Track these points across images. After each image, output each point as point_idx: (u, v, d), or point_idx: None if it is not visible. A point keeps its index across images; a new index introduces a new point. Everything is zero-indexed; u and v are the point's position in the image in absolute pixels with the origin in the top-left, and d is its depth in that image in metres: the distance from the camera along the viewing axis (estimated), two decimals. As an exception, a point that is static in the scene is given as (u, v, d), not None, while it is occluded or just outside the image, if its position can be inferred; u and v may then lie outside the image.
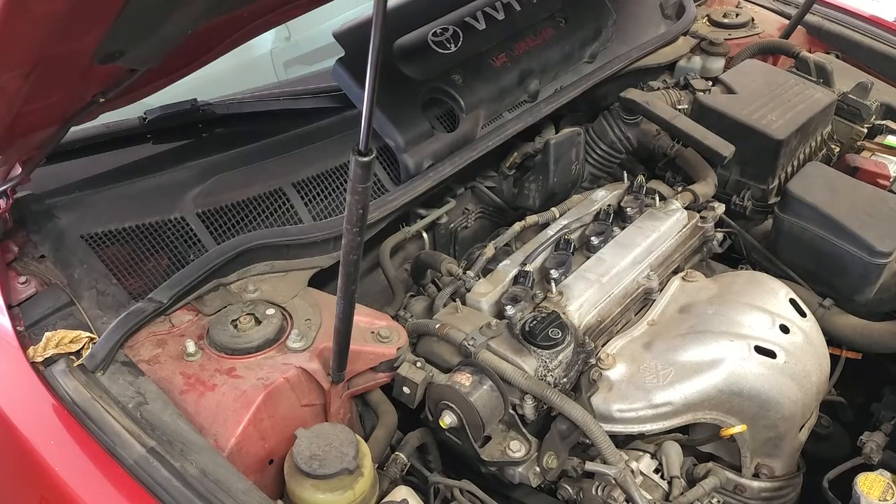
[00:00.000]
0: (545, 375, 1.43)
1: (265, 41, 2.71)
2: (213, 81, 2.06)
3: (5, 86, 1.01)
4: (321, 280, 1.55)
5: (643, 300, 1.66)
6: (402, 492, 1.27)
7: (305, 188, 1.64)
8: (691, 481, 1.49)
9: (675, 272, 1.72)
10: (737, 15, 2.53)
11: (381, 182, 1.70)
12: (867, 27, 2.45)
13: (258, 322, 1.38)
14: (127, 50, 1.08)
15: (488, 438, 1.42)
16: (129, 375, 1.28)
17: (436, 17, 1.86)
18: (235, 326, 1.36)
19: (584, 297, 1.56)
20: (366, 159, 0.93)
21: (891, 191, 1.98)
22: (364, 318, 1.44)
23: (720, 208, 1.85)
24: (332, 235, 1.52)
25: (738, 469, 1.49)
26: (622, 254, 1.66)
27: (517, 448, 1.40)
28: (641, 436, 1.47)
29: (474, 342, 1.43)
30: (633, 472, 1.39)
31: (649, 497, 1.36)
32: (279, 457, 1.30)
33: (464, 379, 1.38)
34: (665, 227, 1.73)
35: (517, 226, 1.78)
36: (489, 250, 1.69)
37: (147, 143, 1.85)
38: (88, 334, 1.32)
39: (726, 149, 1.88)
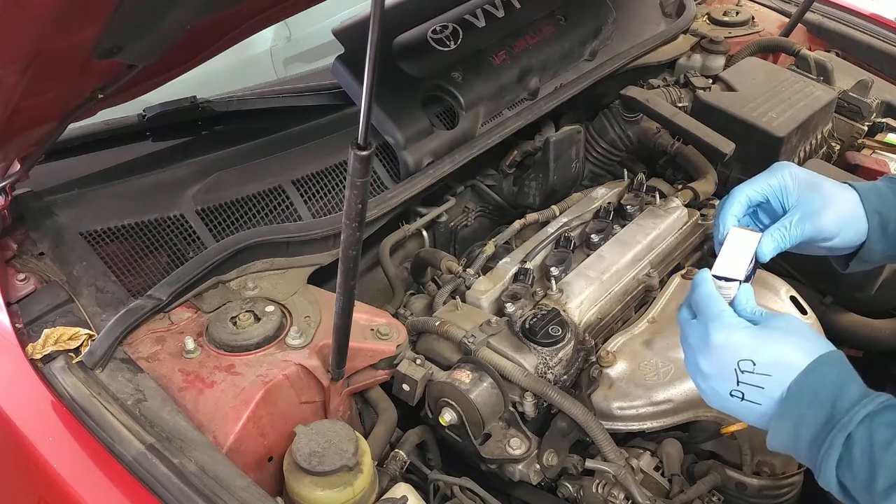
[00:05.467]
0: (545, 373, 1.42)
1: (265, 39, 2.71)
2: (213, 79, 2.07)
3: (2, 80, 1.01)
4: (321, 277, 1.55)
5: (643, 298, 1.66)
6: (402, 489, 1.26)
7: (305, 185, 1.64)
8: (692, 479, 1.49)
9: (676, 270, 1.72)
10: (737, 13, 2.53)
11: (380, 179, 1.70)
12: (867, 25, 2.45)
13: (257, 319, 1.37)
14: (125, 45, 1.08)
15: (488, 436, 1.42)
16: (128, 372, 1.27)
17: (435, 14, 1.86)
18: (235, 324, 1.36)
19: (585, 294, 1.56)
20: (364, 153, 0.93)
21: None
22: (363, 315, 1.44)
23: (721, 206, 1.85)
24: (331, 232, 1.52)
25: (738, 467, 1.49)
26: (622, 251, 1.66)
27: (517, 445, 1.40)
28: (642, 433, 1.47)
29: (474, 339, 1.43)
30: (633, 469, 1.39)
31: (649, 494, 1.35)
32: (278, 454, 1.29)
33: (463, 376, 1.38)
34: (665, 224, 1.73)
35: (517, 224, 1.78)
36: (489, 248, 1.69)
37: (146, 140, 1.86)
38: (87, 331, 1.31)
39: (727, 146, 1.88)
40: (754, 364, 0.94)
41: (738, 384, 0.95)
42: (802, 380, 0.92)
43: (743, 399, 0.96)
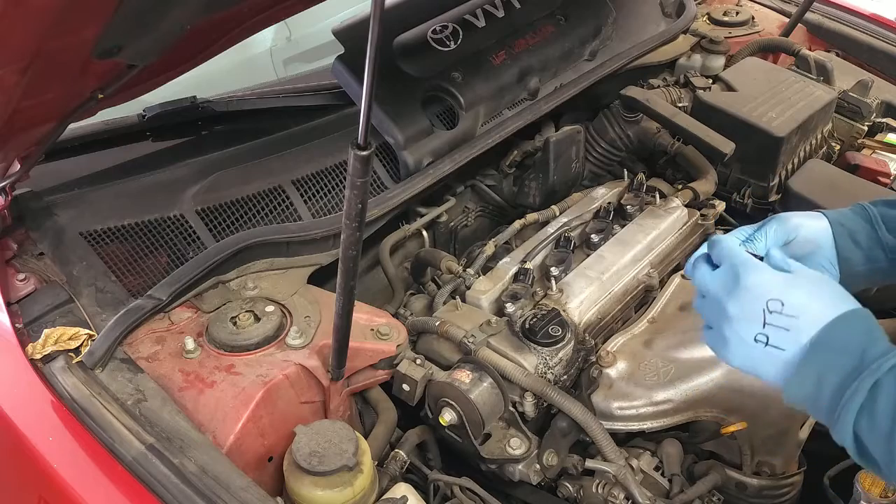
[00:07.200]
0: (545, 373, 1.42)
1: (265, 39, 2.71)
2: (213, 79, 2.07)
3: (2, 80, 1.01)
4: (321, 278, 1.55)
5: (643, 298, 1.66)
6: (402, 489, 1.26)
7: (305, 185, 1.64)
8: (692, 479, 1.49)
9: (676, 270, 1.72)
10: (737, 13, 2.53)
11: (380, 179, 1.70)
12: (867, 25, 2.45)
13: (257, 319, 1.37)
14: (126, 44, 1.08)
15: (488, 436, 1.42)
16: (128, 372, 1.27)
17: (435, 14, 1.86)
18: (235, 324, 1.36)
19: (585, 294, 1.56)
20: (364, 153, 0.93)
21: (891, 188, 1.98)
22: (363, 315, 1.44)
23: (720, 206, 1.85)
24: (331, 232, 1.52)
25: (738, 467, 1.49)
26: (622, 251, 1.66)
27: (517, 445, 1.40)
28: (642, 433, 1.47)
29: (474, 339, 1.43)
30: (633, 469, 1.39)
31: (649, 494, 1.35)
32: (278, 454, 1.29)
33: (463, 376, 1.38)
34: (665, 224, 1.73)
35: (517, 224, 1.78)
36: (489, 248, 1.69)
37: (146, 140, 1.86)
38: (87, 331, 1.31)
39: (727, 146, 1.88)
40: (783, 304, 0.93)
41: (764, 326, 0.94)
42: (833, 327, 0.91)
43: (767, 344, 0.94)
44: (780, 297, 0.94)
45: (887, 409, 0.85)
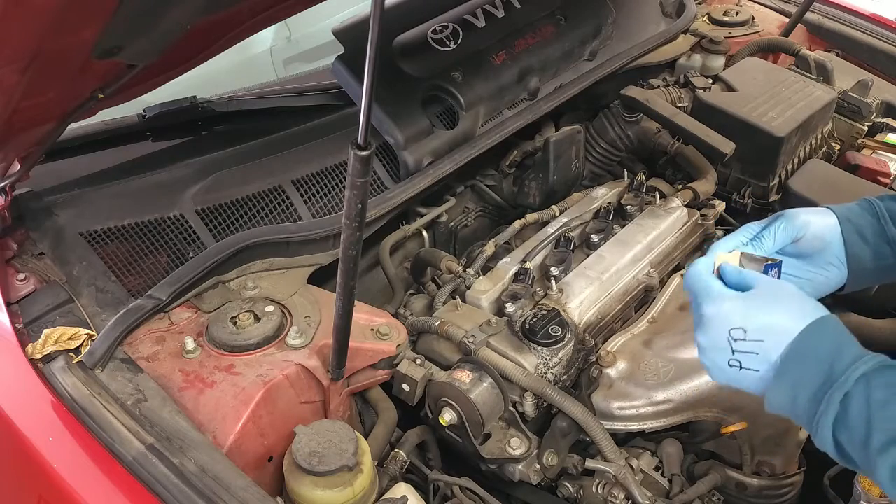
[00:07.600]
0: (545, 373, 1.43)
1: (265, 39, 2.71)
2: (213, 79, 2.07)
3: (2, 80, 1.01)
4: (321, 277, 1.55)
5: (643, 298, 1.66)
6: (402, 489, 1.26)
7: (305, 185, 1.64)
8: (692, 479, 1.49)
9: (676, 270, 1.72)
10: (737, 13, 2.53)
11: (380, 179, 1.70)
12: (867, 25, 2.45)
13: (257, 319, 1.37)
14: (125, 45, 1.08)
15: (488, 436, 1.42)
16: (128, 372, 1.27)
17: (435, 14, 1.86)
18: (235, 324, 1.36)
19: (585, 294, 1.56)
20: (364, 153, 0.93)
21: (891, 188, 1.98)
22: (363, 315, 1.44)
23: (720, 206, 1.85)
24: (331, 232, 1.52)
25: (738, 467, 1.49)
26: (622, 251, 1.66)
27: (517, 445, 1.40)
28: (642, 433, 1.47)
29: (474, 339, 1.43)
30: (633, 469, 1.39)
31: (649, 494, 1.35)
32: (278, 454, 1.29)
33: (463, 376, 1.38)
34: (665, 224, 1.73)
35: (517, 224, 1.78)
36: (489, 248, 1.69)
37: (146, 140, 1.86)
38: (87, 331, 1.31)
39: (727, 146, 1.88)
40: (745, 332, 0.95)
41: (733, 353, 0.97)
42: (801, 341, 0.93)
43: (741, 368, 0.97)
44: (741, 325, 0.96)
45: (860, 419, 0.86)
